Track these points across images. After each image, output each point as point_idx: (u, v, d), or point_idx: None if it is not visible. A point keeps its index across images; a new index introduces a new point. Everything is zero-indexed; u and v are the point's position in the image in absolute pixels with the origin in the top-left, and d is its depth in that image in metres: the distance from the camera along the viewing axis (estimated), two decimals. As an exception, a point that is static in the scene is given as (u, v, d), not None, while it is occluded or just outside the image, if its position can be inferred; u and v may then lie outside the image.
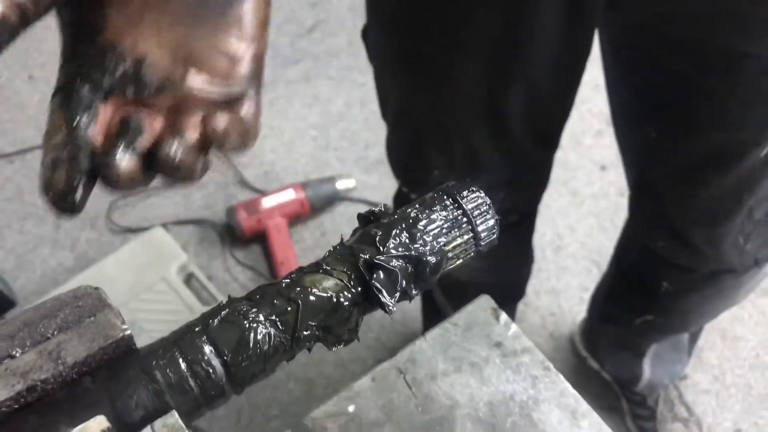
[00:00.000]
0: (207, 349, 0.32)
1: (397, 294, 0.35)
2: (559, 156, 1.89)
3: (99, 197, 1.74)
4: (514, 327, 0.53)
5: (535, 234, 1.74)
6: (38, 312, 0.32)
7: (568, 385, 0.50)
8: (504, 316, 0.53)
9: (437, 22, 0.77)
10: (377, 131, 1.96)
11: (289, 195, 1.76)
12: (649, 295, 1.13)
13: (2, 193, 1.89)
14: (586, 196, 1.84)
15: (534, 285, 1.70)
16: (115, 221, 1.81)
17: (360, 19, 0.90)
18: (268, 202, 1.75)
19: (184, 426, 0.29)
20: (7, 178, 1.92)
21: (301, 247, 1.77)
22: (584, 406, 0.50)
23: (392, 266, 0.34)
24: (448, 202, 0.38)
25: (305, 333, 0.34)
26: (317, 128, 2.01)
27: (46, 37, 2.24)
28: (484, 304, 0.54)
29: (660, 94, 0.84)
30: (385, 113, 0.99)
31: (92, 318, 0.31)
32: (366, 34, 0.93)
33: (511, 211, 1.10)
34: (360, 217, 0.40)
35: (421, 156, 0.94)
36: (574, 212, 1.82)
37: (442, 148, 0.92)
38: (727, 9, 0.69)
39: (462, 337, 0.53)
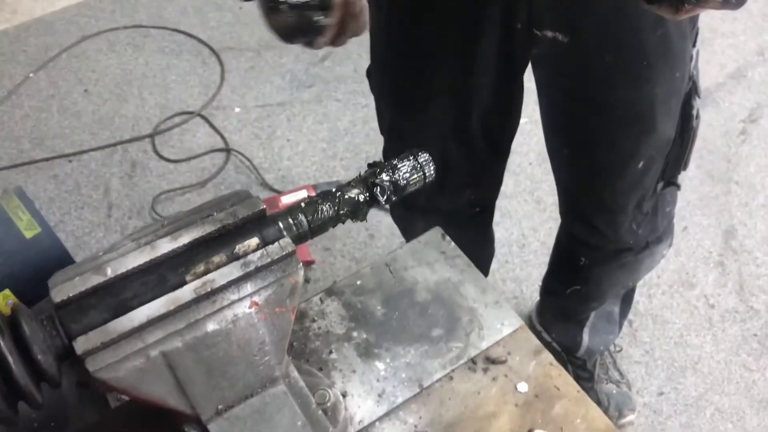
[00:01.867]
0: (300, 215, 0.70)
1: (385, 197, 0.72)
2: (527, 171, 2.29)
3: (145, 191, 2.14)
4: (452, 244, 0.91)
5: (504, 233, 2.12)
6: (217, 198, 0.70)
7: (481, 275, 0.88)
8: (447, 238, 0.91)
9: (416, 70, 1.14)
10: (376, 145, 2.34)
11: (302, 194, 2.14)
12: (573, 269, 1.49)
13: (63, 186, 2.26)
14: (548, 203, 2.22)
15: (501, 274, 2.07)
16: (157, 212, 2.18)
17: (364, 50, 1.28)
18: (285, 200, 2.12)
19: (292, 243, 0.66)
20: (67, 174, 2.29)
21: (311, 237, 2.15)
22: (490, 286, 0.88)
23: (383, 185, 0.71)
24: (411, 158, 0.75)
25: (341, 212, 0.71)
26: (326, 141, 2.39)
27: (98, 58, 2.64)
28: (436, 231, 0.92)
29: (567, 122, 1.21)
30: (382, 129, 1.36)
31: (245, 200, 0.69)
32: (369, 73, 1.32)
33: (474, 204, 1.47)
34: (369, 164, 0.77)
35: None
36: (537, 217, 2.20)
37: None
38: (601, 68, 1.05)
39: (423, 247, 0.91)
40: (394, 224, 1.65)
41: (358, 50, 2.62)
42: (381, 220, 2.14)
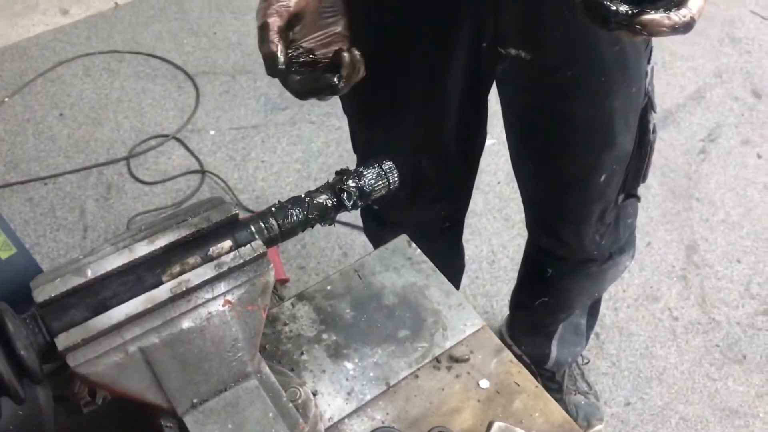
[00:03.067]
0: (272, 219, 0.74)
1: (351, 202, 0.76)
2: (496, 190, 2.34)
3: (121, 213, 2.16)
4: (418, 250, 0.95)
5: (474, 250, 2.17)
6: (192, 205, 0.74)
7: (445, 279, 0.93)
8: (413, 245, 0.96)
9: (387, 89, 1.19)
10: (350, 165, 2.39)
11: (276, 214, 2.18)
12: (541, 281, 1.55)
13: (38, 208, 2.28)
14: (516, 221, 2.28)
15: (472, 289, 2.12)
16: (132, 233, 2.20)
17: None
18: (259, 219, 2.16)
19: (264, 245, 0.70)
20: (42, 197, 2.31)
21: (286, 256, 2.18)
22: (453, 290, 0.92)
23: (349, 190, 0.76)
24: (376, 166, 0.79)
25: (310, 216, 0.75)
26: (300, 162, 2.44)
27: (73, 83, 2.67)
28: (402, 239, 0.97)
29: (532, 137, 1.27)
30: (356, 148, 1.41)
31: (218, 206, 0.73)
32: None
33: (445, 218, 1.52)
34: (336, 172, 0.82)
35: None
36: (506, 234, 2.26)
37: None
38: (563, 83, 1.11)
39: (390, 254, 0.95)
40: (367, 242, 1.69)
41: (331, 74, 2.68)
42: (354, 239, 2.19)
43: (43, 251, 2.17)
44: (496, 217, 2.29)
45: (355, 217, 2.08)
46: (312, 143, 2.50)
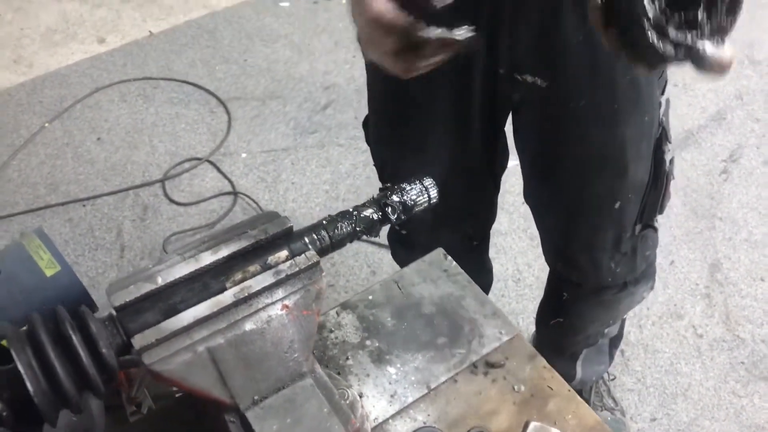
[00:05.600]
0: (323, 231, 0.80)
1: (395, 216, 0.82)
2: (521, 210, 2.39)
3: (156, 233, 2.25)
4: (453, 262, 1.01)
5: (500, 269, 2.22)
6: (250, 218, 0.80)
7: (480, 290, 0.98)
8: (449, 258, 1.02)
9: (412, 116, 1.25)
10: (377, 187, 2.46)
11: (307, 234, 2.25)
12: (557, 302, 1.58)
13: (77, 229, 2.37)
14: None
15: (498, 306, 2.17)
16: (168, 252, 2.28)
17: (363, 97, 1.39)
18: (290, 239, 2.23)
19: (317, 255, 0.77)
20: (81, 218, 2.40)
21: (316, 275, 2.24)
22: (488, 300, 0.98)
23: (394, 205, 0.82)
24: (417, 182, 0.85)
25: (358, 228, 0.81)
26: (329, 184, 2.51)
27: (110, 108, 2.77)
28: (439, 252, 1.03)
29: (545, 163, 1.29)
30: (382, 177, 1.44)
31: (274, 219, 0.79)
32: (366, 124, 1.42)
33: (472, 237, 1.58)
34: (380, 188, 0.88)
35: None
36: (531, 253, 2.31)
37: None
38: (576, 111, 1.15)
39: (427, 266, 1.01)
40: (394, 262, 1.74)
41: (358, 98, 2.76)
42: (382, 257, 2.25)
43: (82, 270, 2.25)
44: (521, 236, 2.34)
45: (382, 235, 2.14)
46: (340, 165, 2.57)
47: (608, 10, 0.68)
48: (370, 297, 0.97)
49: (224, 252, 0.77)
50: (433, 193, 0.85)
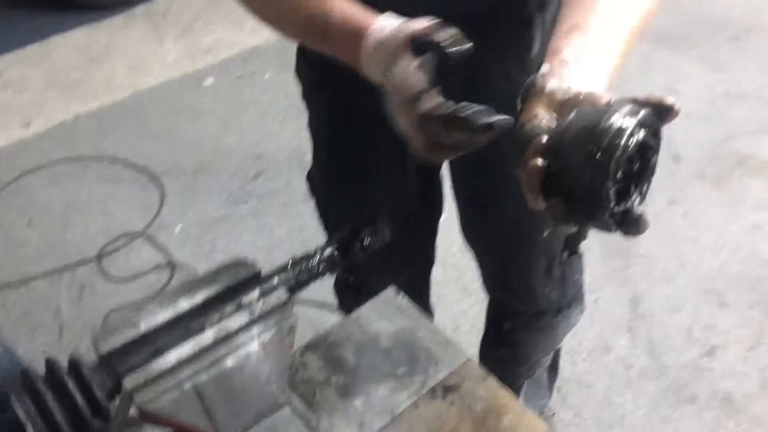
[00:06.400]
0: (289, 271, 0.88)
1: (353, 253, 0.91)
2: (451, 261, 2.50)
3: (95, 311, 2.25)
4: (405, 298, 1.10)
5: (438, 318, 2.31)
6: (219, 266, 0.87)
7: (431, 322, 1.07)
8: (401, 294, 1.11)
9: (356, 162, 1.35)
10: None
11: (248, 299, 2.29)
12: (500, 334, 1.68)
13: (13, 312, 2.34)
14: (474, 289, 2.44)
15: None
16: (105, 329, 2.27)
17: (293, 166, 1.48)
18: (232, 306, 2.26)
19: (285, 292, 0.84)
20: (15, 302, 2.37)
21: (260, 339, 2.28)
22: (439, 331, 1.07)
23: (352, 244, 0.91)
24: (372, 223, 0.94)
25: (321, 267, 0.90)
26: (265, 251, 2.57)
27: (40, 191, 2.77)
28: (391, 290, 1.12)
29: (480, 202, 1.40)
30: (328, 226, 1.52)
31: (242, 265, 0.86)
32: (310, 176, 1.51)
33: (415, 281, 1.67)
34: (339, 229, 0.96)
35: None
36: (466, 302, 2.41)
37: None
38: (503, 153, 1.28)
39: (381, 304, 1.09)
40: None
41: (288, 166, 2.85)
42: (326, 320, 2.30)
43: (21, 352, 2.21)
44: (455, 286, 2.45)
45: (325, 296, 2.19)
46: (275, 232, 2.63)
47: (549, 180, 0.73)
48: (331, 338, 1.04)
49: (200, 296, 0.83)
50: (386, 232, 0.94)
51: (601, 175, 0.66)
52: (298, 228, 2.64)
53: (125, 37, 3.50)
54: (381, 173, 1.36)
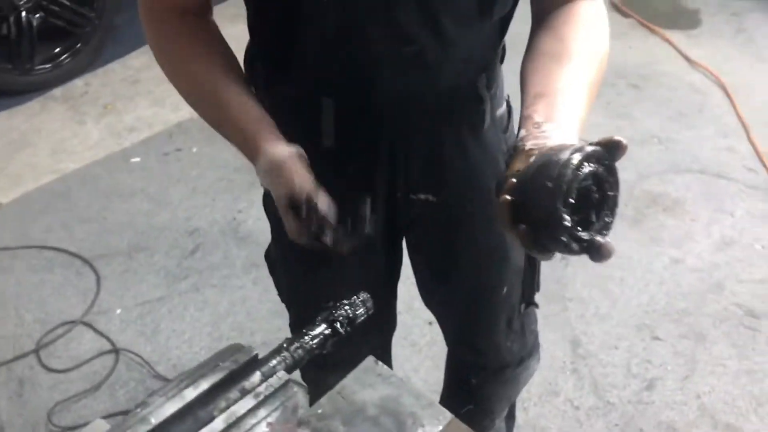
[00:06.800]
0: (285, 352, 0.91)
1: (344, 329, 0.95)
2: (399, 319, 2.54)
3: (38, 406, 2.19)
4: (384, 366, 1.14)
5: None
6: (216, 354, 0.90)
7: (413, 386, 1.12)
8: (380, 363, 1.15)
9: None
10: (258, 321, 2.55)
11: (199, 378, 2.26)
12: (466, 390, 1.73)
13: (-52, 416, 2.23)
14: (422, 345, 2.50)
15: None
16: (54, 423, 2.20)
17: (230, 239, 1.51)
18: (183, 386, 2.23)
19: (286, 372, 0.87)
20: (-50, 404, 2.26)
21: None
22: (422, 393, 1.11)
23: (341, 320, 0.95)
24: (356, 298, 0.99)
25: (314, 345, 0.93)
26: (210, 326, 2.55)
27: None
28: (370, 359, 1.16)
29: (442, 264, 1.47)
30: (290, 302, 1.56)
31: (239, 350, 0.89)
32: (268, 254, 1.54)
33: (376, 348, 1.70)
34: (323, 307, 1.00)
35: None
36: (416, 358, 2.46)
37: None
38: (464, 215, 1.37)
39: (362, 374, 1.13)
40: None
41: (224, 239, 2.86)
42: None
43: (-39, 459, 2.11)
44: (403, 344, 2.50)
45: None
46: (218, 305, 2.62)
47: (518, 212, 0.82)
48: (319, 410, 1.07)
49: (204, 385, 0.85)
50: (370, 304, 0.99)
51: (552, 198, 0.77)
52: (241, 300, 2.64)
53: (44, 121, 3.45)
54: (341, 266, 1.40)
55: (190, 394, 0.84)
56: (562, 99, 0.99)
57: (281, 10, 1.09)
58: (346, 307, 0.97)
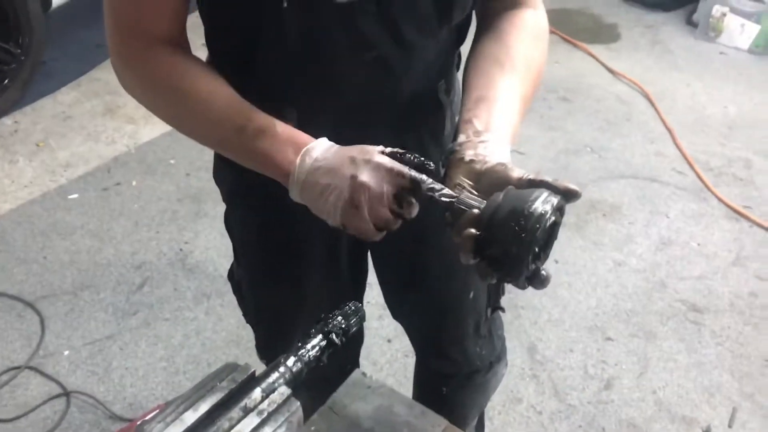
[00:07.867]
0: (282, 368, 0.89)
1: (339, 340, 0.94)
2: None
3: None
4: (374, 378, 1.14)
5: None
6: (213, 373, 0.88)
7: (405, 396, 1.12)
8: (368, 375, 1.14)
9: (289, 255, 1.39)
10: (215, 351, 2.50)
11: (159, 414, 2.20)
12: (439, 400, 1.75)
13: None
14: (383, 363, 2.49)
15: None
16: (7, 474, 2.09)
17: (178, 270, 1.49)
18: (143, 424, 2.16)
19: (287, 387, 0.85)
20: None
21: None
22: (414, 403, 1.11)
23: (336, 330, 0.95)
24: (347, 308, 0.99)
25: (311, 357, 0.92)
26: (165, 360, 2.48)
27: None
28: (358, 372, 1.16)
29: (411, 277, 1.50)
30: (259, 321, 1.54)
31: (235, 369, 0.87)
32: (232, 275, 1.52)
33: (345, 364, 1.69)
34: (317, 320, 0.99)
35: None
36: (377, 377, 2.45)
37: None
38: (432, 224, 1.39)
39: (352, 387, 1.13)
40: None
41: (173, 270, 2.79)
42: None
43: None
44: (364, 363, 2.48)
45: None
46: (172, 339, 2.56)
47: (480, 245, 0.89)
48: (313, 427, 1.06)
49: (204, 407, 0.83)
50: (362, 312, 0.99)
51: (526, 249, 0.85)
52: (195, 331, 2.58)
53: (-28, 162, 3.33)
54: (313, 266, 1.40)
55: (190, 417, 0.82)
56: (501, 107, 1.06)
57: (241, 22, 1.08)
58: (339, 318, 0.97)
